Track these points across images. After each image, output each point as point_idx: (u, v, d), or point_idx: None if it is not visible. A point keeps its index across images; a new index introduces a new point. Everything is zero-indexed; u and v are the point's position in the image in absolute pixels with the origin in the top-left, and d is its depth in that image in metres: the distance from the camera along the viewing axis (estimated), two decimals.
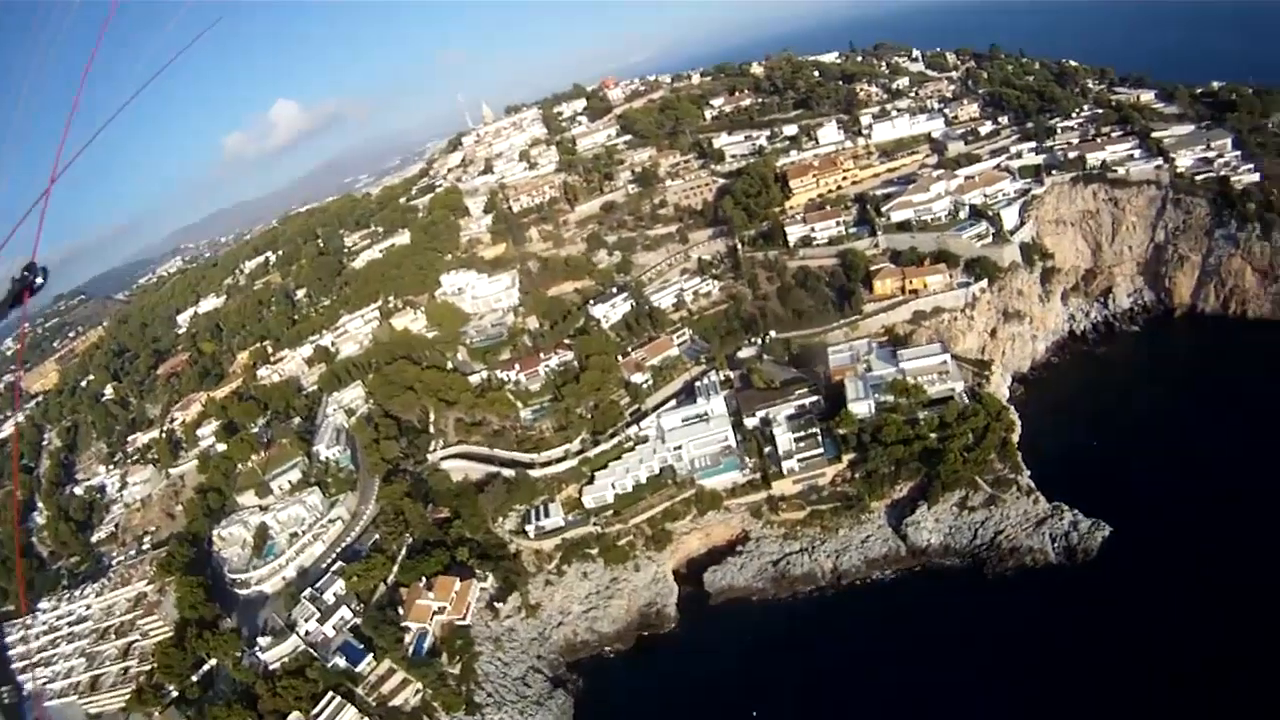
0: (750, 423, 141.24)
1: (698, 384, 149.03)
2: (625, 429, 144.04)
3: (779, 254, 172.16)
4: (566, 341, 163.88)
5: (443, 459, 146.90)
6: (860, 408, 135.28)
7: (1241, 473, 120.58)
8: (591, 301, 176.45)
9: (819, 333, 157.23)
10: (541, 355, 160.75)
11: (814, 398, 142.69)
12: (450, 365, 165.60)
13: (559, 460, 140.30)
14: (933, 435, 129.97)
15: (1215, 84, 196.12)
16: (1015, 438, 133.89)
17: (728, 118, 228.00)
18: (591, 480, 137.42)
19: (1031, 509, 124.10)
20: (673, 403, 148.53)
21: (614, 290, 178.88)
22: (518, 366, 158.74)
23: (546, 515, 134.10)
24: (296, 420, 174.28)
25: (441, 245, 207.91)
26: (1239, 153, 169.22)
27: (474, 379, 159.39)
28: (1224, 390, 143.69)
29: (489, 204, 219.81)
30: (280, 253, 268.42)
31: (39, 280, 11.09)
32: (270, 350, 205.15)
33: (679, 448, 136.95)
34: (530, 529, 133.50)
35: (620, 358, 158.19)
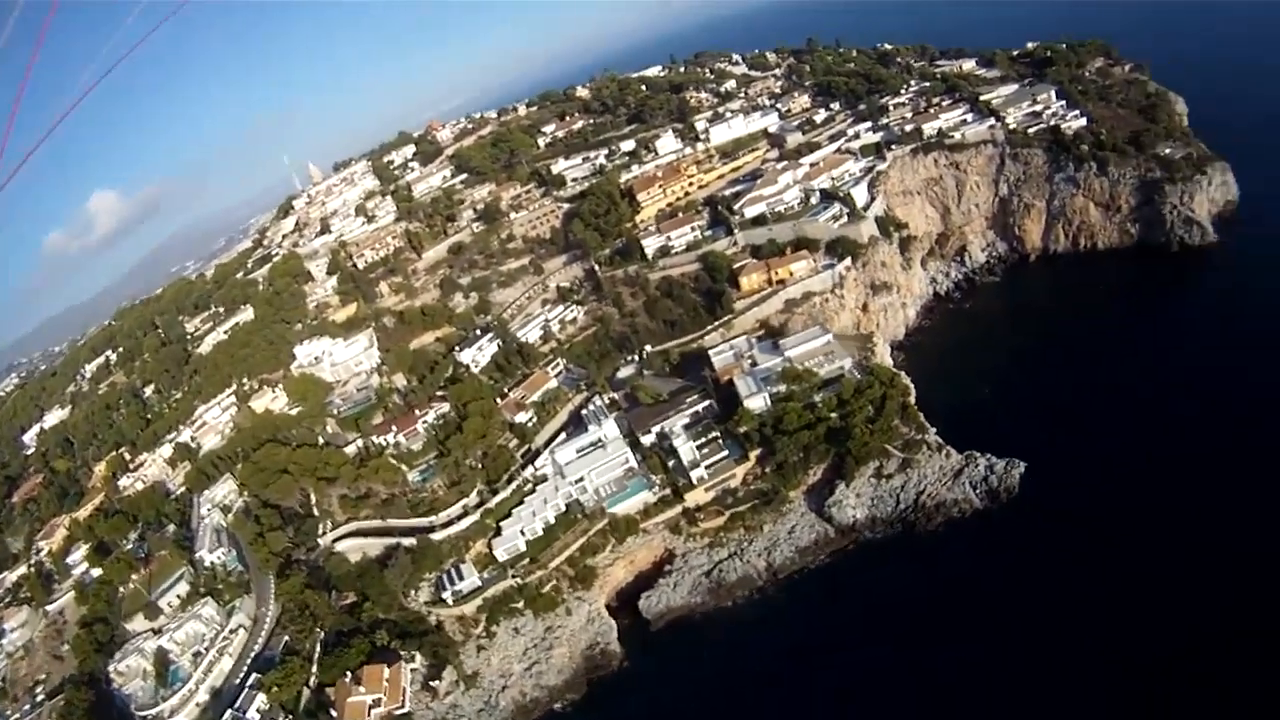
0: (647, 440, 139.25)
1: (584, 412, 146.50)
2: (520, 472, 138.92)
3: (639, 268, 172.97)
4: (439, 394, 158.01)
5: (335, 541, 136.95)
6: (756, 403, 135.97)
7: (1120, 390, 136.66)
8: (457, 348, 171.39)
9: (695, 339, 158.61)
10: (416, 412, 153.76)
11: (706, 402, 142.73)
12: (322, 440, 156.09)
13: (459, 518, 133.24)
14: (834, 415, 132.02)
15: (1030, 44, 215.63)
16: (912, 400, 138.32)
17: (562, 143, 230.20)
18: (498, 532, 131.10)
19: (946, 463, 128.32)
20: (563, 436, 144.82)
21: (478, 333, 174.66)
22: (394, 428, 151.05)
23: (460, 578, 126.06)
24: (171, 528, 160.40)
25: (289, 315, 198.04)
26: (1063, 102, 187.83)
27: (350, 450, 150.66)
28: (1088, 319, 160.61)
29: (332, 265, 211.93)
30: (120, 350, 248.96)
31: None
32: (128, 457, 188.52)
33: (580, 480, 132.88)
34: (447, 595, 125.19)
35: (498, 400, 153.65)
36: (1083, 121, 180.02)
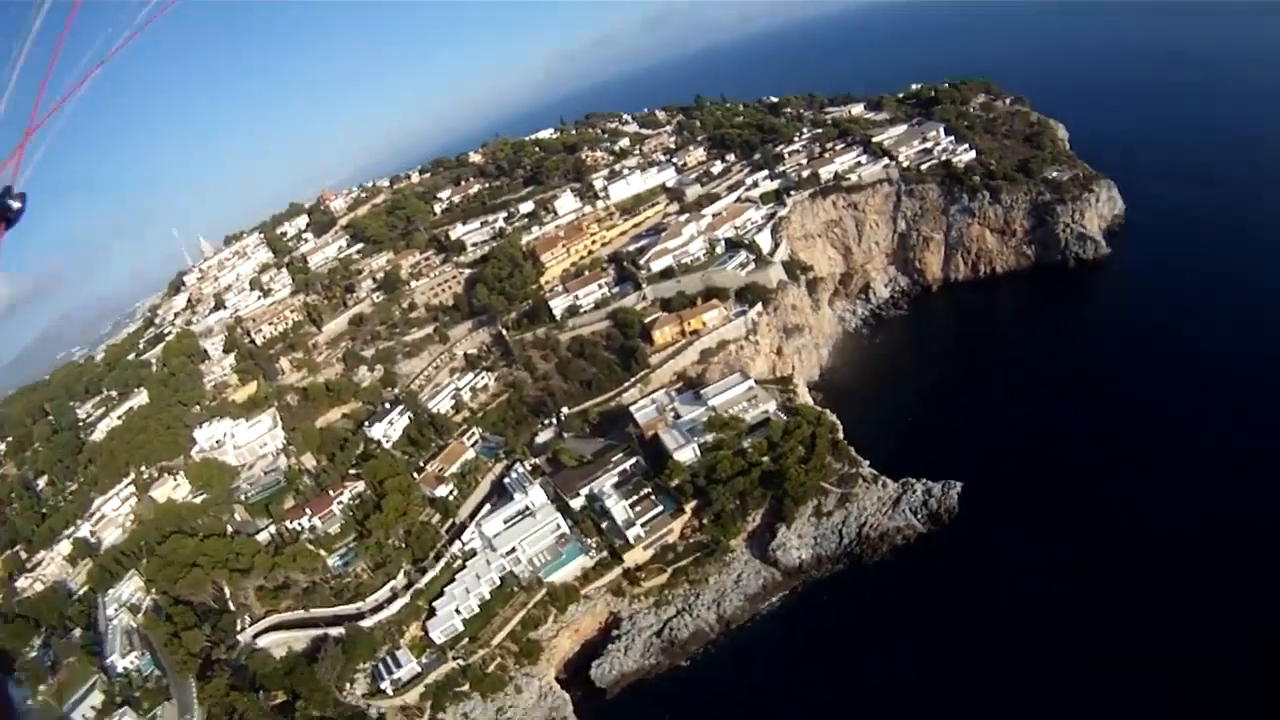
0: (577, 503, 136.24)
1: (507, 481, 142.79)
2: (448, 548, 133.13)
3: (548, 330, 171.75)
4: (353, 472, 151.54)
5: (256, 636, 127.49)
6: (685, 455, 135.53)
7: (1032, 401, 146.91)
8: (366, 423, 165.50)
9: (613, 397, 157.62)
10: (330, 493, 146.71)
11: (633, 460, 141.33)
12: (231, 529, 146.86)
13: (388, 601, 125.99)
14: (765, 459, 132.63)
15: (915, 86, 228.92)
16: (841, 436, 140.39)
17: (459, 208, 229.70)
18: (432, 613, 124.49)
19: (883, 493, 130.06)
20: (487, 507, 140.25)
21: (386, 406, 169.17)
22: (308, 512, 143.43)
23: (398, 665, 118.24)
24: (77, 632, 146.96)
25: (186, 397, 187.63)
26: (952, 138, 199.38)
27: (262, 537, 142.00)
28: (995, 340, 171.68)
29: (228, 342, 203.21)
30: (9, 439, 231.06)
31: (15, 205, 9.92)
32: (24, 556, 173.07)
33: (512, 551, 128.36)
34: (385, 685, 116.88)
35: (416, 475, 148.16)
36: (972, 154, 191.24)
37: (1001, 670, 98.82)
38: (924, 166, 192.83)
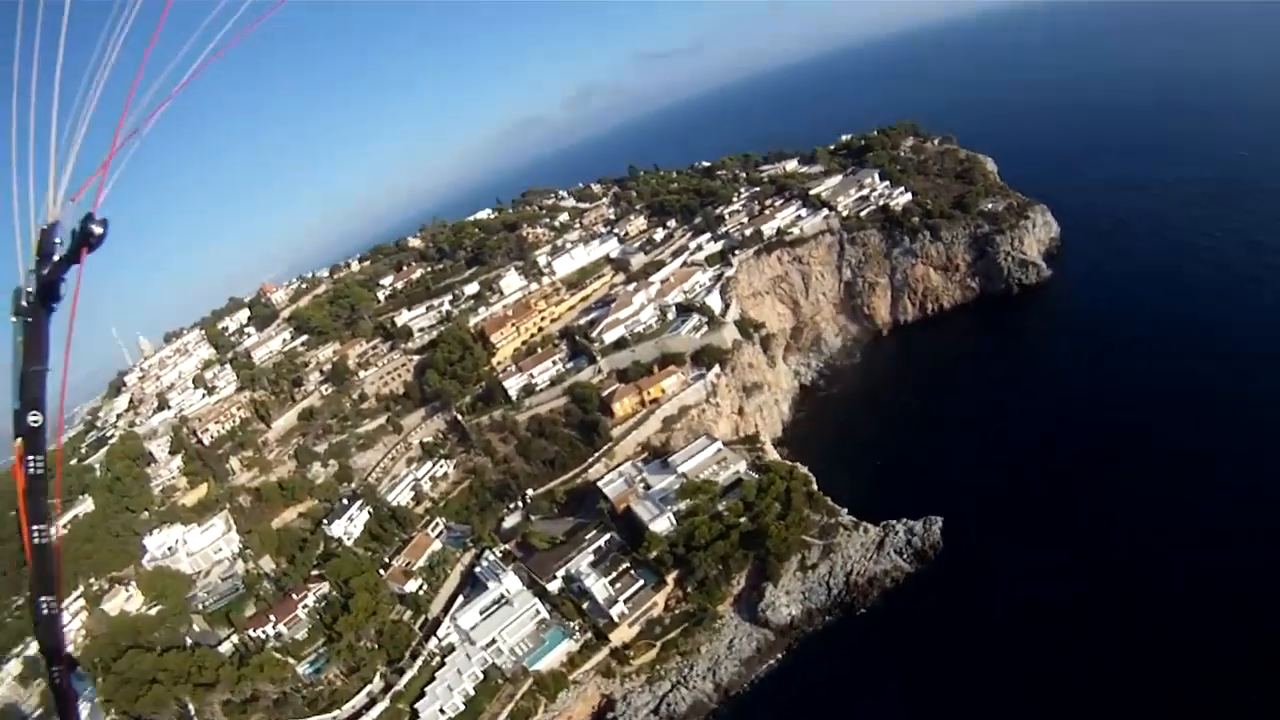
0: (554, 586, 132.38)
1: (478, 570, 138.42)
2: (424, 645, 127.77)
3: (505, 412, 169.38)
4: (315, 574, 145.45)
5: None
6: (660, 525, 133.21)
7: (999, 431, 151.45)
8: (324, 521, 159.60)
9: (578, 474, 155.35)
10: (294, 597, 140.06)
11: (607, 535, 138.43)
12: (190, 641, 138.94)
13: (366, 707, 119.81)
14: (743, 519, 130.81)
15: (845, 137, 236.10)
16: (815, 487, 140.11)
17: (403, 293, 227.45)
18: (415, 715, 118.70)
19: (866, 539, 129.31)
20: (461, 599, 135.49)
21: (344, 502, 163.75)
22: (272, 618, 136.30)
23: None
24: None
25: (133, 503, 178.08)
26: (887, 183, 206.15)
27: (225, 648, 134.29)
28: (949, 374, 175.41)
29: (174, 443, 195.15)
30: None
31: (98, 230, 10.04)
32: None
33: (492, 642, 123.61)
34: None
35: (382, 572, 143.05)
36: (908, 196, 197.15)
37: (1001, 697, 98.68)
38: (863, 213, 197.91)
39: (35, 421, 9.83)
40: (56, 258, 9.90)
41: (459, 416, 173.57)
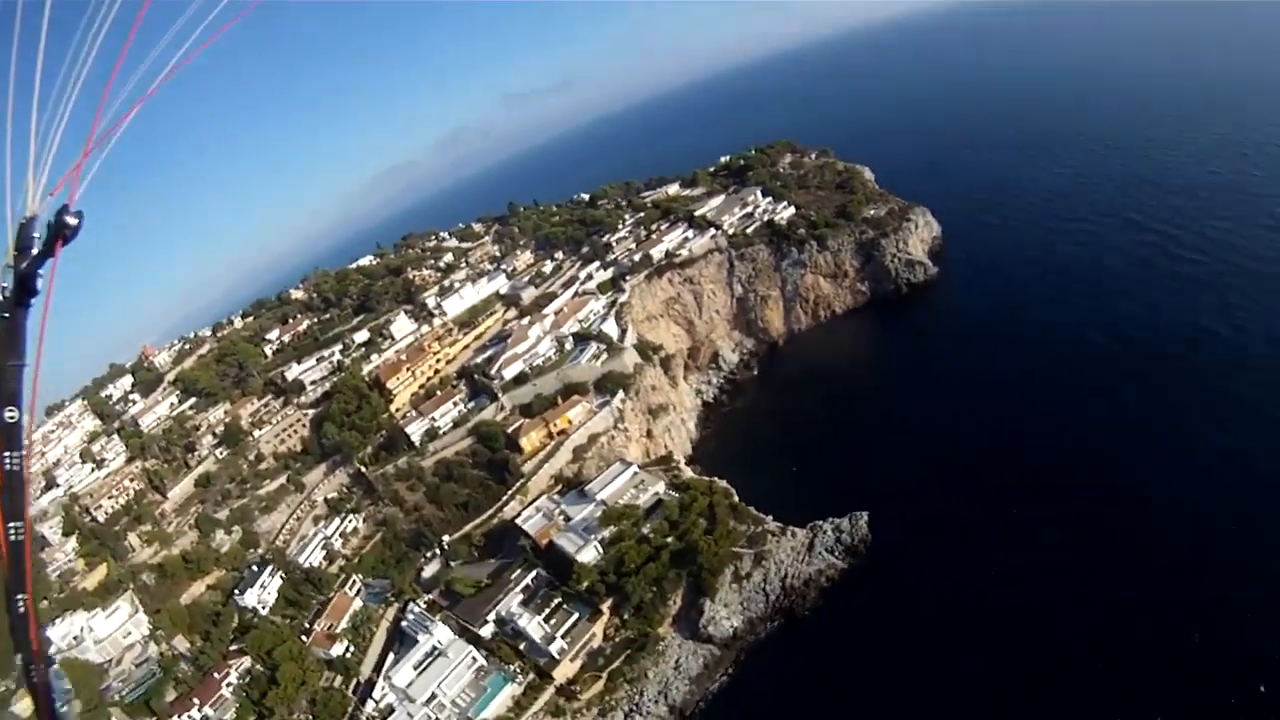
0: (487, 631, 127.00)
1: (404, 624, 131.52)
2: (361, 710, 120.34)
3: (409, 459, 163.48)
4: (234, 648, 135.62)
5: None
6: (587, 555, 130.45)
7: (905, 421, 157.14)
8: (236, 591, 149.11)
9: (493, 514, 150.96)
10: (215, 676, 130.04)
11: (533, 573, 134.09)
12: None
13: None
14: (670, 539, 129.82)
15: (724, 158, 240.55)
16: (736, 499, 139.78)
17: (291, 347, 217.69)
18: None
19: (794, 542, 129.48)
20: (391, 657, 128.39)
21: (254, 569, 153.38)
22: (195, 701, 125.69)
23: None
24: None
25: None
26: (769, 199, 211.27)
27: None
28: (849, 375, 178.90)
29: (67, 523, 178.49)
30: None
31: (73, 221, 9.86)
32: None
33: (433, 697, 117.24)
34: None
35: (304, 638, 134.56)
36: (791, 210, 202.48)
37: (949, 681, 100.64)
38: (749, 230, 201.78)
39: (11, 417, 9.75)
40: (34, 251, 9.79)
41: (362, 468, 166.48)
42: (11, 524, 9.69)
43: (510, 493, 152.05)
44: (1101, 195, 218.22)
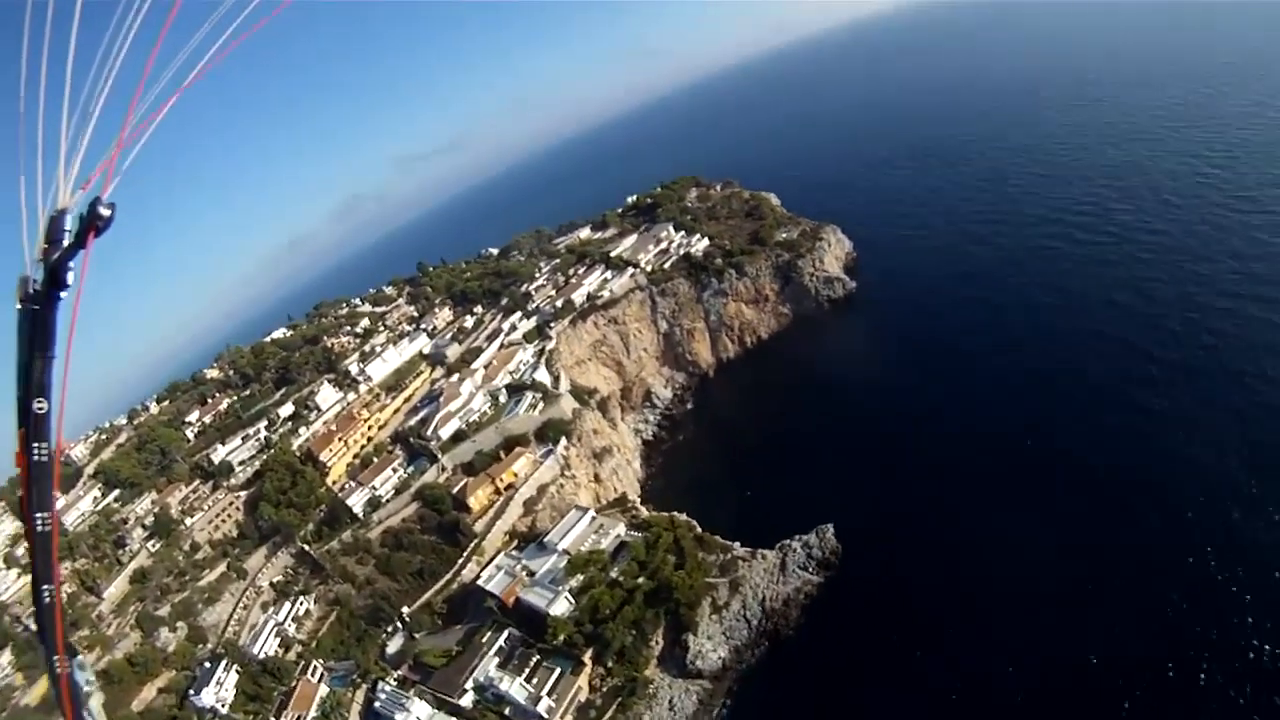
0: (467, 700, 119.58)
1: (378, 705, 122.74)
2: None
3: (354, 531, 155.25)
4: None
5: None
6: (559, 607, 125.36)
7: (845, 430, 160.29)
8: (191, 693, 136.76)
9: (451, 579, 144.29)
10: None
11: (504, 633, 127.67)
12: None
13: None
14: (641, 580, 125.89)
15: (630, 198, 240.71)
16: (700, 530, 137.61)
17: (214, 427, 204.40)
18: None
19: (766, 564, 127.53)
20: None
21: (207, 666, 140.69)
22: None
23: None
24: None
25: None
26: (682, 233, 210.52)
27: None
28: (781, 396, 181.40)
29: (2, 639, 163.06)
30: None
31: (106, 212, 9.63)
32: None
33: None
34: None
35: None
36: (706, 242, 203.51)
37: (940, 677, 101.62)
38: (667, 265, 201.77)
39: (40, 408, 9.80)
40: (65, 244, 9.77)
41: (306, 547, 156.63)
42: (39, 514, 9.78)
43: (465, 555, 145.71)
44: (1002, 194, 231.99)
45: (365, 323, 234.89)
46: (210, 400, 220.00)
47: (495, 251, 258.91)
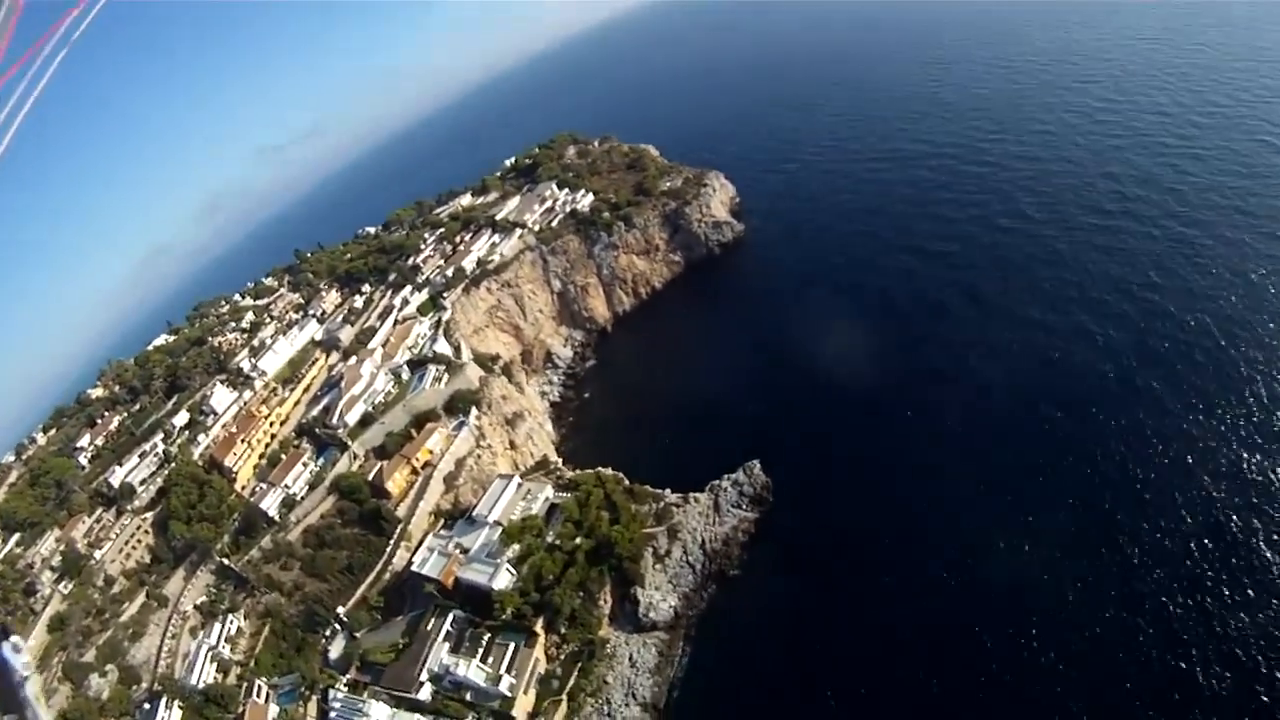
0: (425, 692, 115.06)
1: (332, 715, 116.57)
2: None
3: (273, 536, 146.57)
4: None
5: None
6: (502, 580, 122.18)
7: (752, 366, 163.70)
8: None
9: (382, 569, 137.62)
10: None
11: (449, 616, 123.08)
12: None
13: None
14: (579, 540, 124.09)
15: (507, 161, 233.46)
16: (629, 482, 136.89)
17: (108, 449, 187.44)
18: None
19: (700, 507, 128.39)
20: None
21: (146, 707, 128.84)
22: None
23: None
24: None
25: None
26: (565, 190, 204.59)
27: None
28: (682, 341, 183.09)
29: None
30: None
31: None
32: None
33: None
34: None
35: None
36: (590, 197, 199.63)
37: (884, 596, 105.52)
38: (554, 224, 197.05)
39: None
40: None
41: (225, 561, 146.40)
42: None
43: (393, 542, 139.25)
44: (873, 131, 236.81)
45: (250, 316, 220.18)
46: (100, 421, 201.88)
47: (373, 230, 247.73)
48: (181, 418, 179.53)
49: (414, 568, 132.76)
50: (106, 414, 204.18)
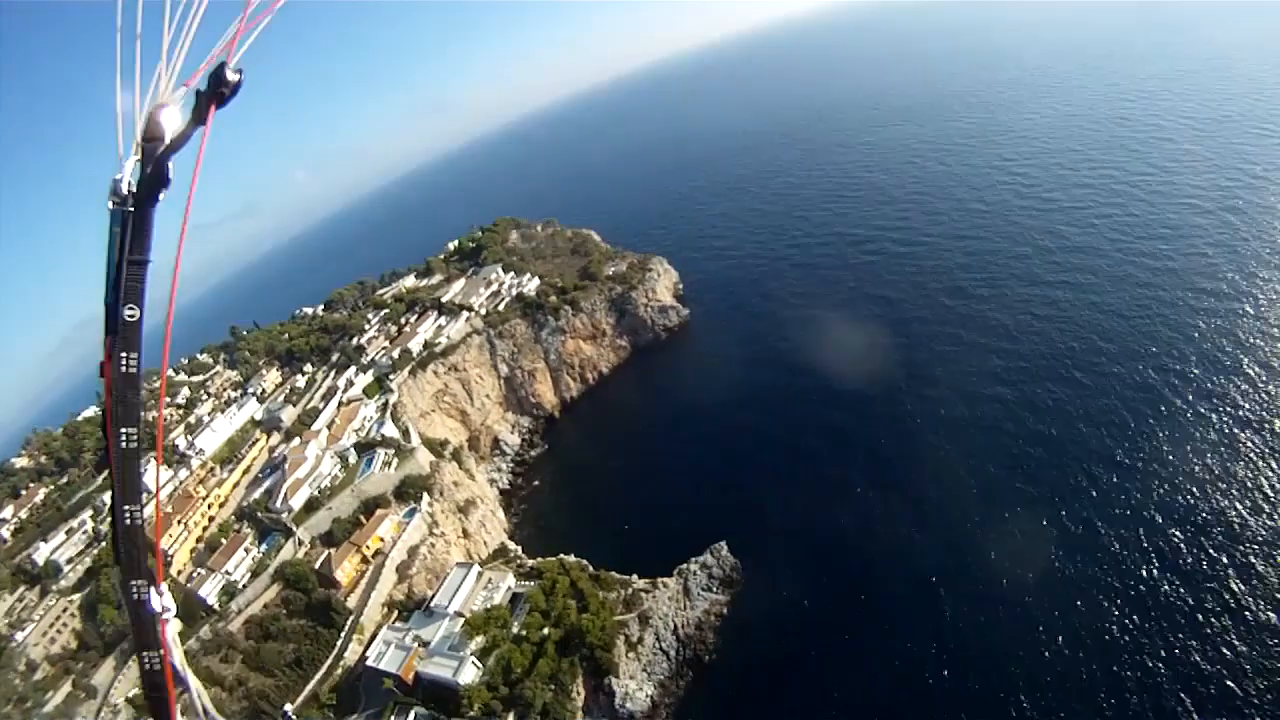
0: None
1: None
2: None
3: (212, 625, 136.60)
4: None
5: None
6: (467, 674, 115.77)
7: (708, 447, 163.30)
8: None
9: (334, 663, 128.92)
10: None
11: (410, 714, 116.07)
12: None
13: None
14: (547, 629, 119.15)
15: (450, 244, 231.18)
16: (593, 568, 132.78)
17: (32, 523, 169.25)
18: None
19: (670, 592, 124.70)
20: None
21: None
22: None
23: None
24: None
25: None
26: (511, 274, 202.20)
27: None
28: (633, 426, 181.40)
29: None
30: None
31: (234, 77, 8.46)
32: None
33: None
34: None
35: None
36: (536, 281, 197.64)
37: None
38: (500, 307, 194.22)
39: (132, 315, 9.17)
40: (179, 128, 8.84)
41: None
42: (124, 429, 9.00)
43: (344, 635, 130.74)
44: (811, 212, 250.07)
45: (186, 392, 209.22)
46: (24, 493, 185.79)
47: (310, 311, 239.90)
48: (108, 496, 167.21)
49: (369, 662, 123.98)
50: (32, 485, 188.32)
